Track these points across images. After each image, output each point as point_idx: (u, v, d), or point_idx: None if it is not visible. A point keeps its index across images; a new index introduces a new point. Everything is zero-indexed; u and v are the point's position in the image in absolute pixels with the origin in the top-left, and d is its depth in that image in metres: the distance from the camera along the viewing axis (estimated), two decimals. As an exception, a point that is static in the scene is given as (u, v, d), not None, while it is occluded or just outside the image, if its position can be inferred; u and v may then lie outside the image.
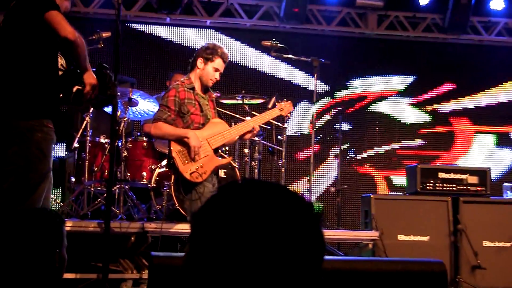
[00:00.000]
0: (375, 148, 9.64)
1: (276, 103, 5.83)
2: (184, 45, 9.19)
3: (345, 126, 9.35)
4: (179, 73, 7.39)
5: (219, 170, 6.29)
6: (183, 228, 5.79)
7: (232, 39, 9.36)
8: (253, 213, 1.20)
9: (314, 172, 8.95)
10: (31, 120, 4.03)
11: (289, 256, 1.18)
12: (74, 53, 4.08)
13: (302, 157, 9.33)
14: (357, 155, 9.53)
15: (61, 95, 4.10)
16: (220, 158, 5.38)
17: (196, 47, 5.57)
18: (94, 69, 4.26)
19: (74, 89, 4.09)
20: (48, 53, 4.12)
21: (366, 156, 9.59)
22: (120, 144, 6.44)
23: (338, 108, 9.51)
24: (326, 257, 1.29)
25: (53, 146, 4.10)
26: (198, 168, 5.05)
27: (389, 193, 9.28)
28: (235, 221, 1.19)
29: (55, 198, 7.56)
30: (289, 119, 6.28)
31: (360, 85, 9.76)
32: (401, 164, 9.32)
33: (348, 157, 9.42)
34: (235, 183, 1.26)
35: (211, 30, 9.35)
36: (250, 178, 1.40)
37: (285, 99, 5.93)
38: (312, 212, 1.24)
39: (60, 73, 4.20)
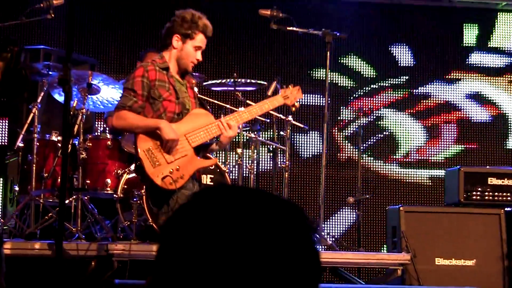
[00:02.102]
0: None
1: (280, 90, 5.79)
2: (158, 15, 9.20)
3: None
4: (153, 51, 7.40)
5: (205, 176, 6.31)
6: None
7: (220, 8, 9.37)
8: (231, 226, 1.22)
9: (327, 177, 8.96)
10: None
11: (275, 281, 1.19)
12: None
13: (312, 158, 9.34)
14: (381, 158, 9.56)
15: None
16: (202, 159, 5.27)
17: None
18: None
19: None
20: None
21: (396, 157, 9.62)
22: (77, 143, 6.46)
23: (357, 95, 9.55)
24: (344, 285, 1.33)
25: None
26: (172, 171, 4.94)
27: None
28: (209, 236, 1.21)
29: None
30: (296, 110, 6.12)
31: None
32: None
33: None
34: (210, 190, 1.28)
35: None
36: (225, 184, 1.43)
37: (292, 84, 5.83)
38: (303, 224, 1.26)
39: None
